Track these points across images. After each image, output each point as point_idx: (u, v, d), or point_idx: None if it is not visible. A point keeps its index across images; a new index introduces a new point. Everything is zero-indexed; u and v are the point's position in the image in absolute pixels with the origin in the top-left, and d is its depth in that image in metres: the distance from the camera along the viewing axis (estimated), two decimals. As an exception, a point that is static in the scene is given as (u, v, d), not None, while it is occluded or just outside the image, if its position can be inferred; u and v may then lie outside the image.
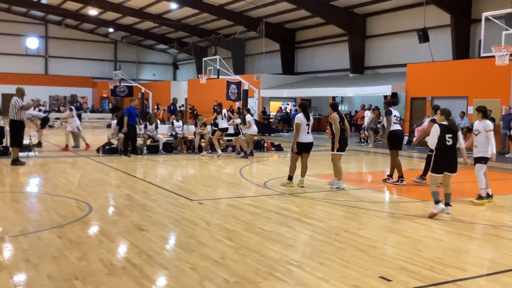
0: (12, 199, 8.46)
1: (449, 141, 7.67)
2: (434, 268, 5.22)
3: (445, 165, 7.78)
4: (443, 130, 7.68)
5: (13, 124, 12.37)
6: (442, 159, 7.73)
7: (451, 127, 7.73)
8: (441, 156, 7.73)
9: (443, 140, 7.67)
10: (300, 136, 10.07)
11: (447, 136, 7.67)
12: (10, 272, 4.87)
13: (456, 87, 20.21)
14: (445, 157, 7.73)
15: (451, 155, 7.78)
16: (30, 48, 45.52)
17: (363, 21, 28.33)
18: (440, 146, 7.69)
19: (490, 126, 8.71)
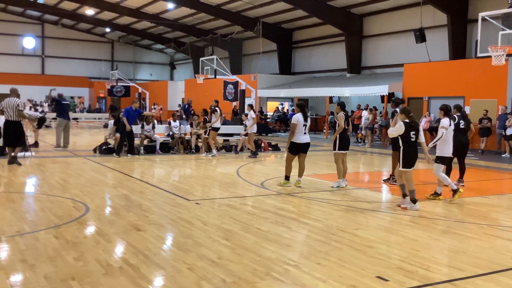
0: (8, 199, 8.43)
1: (413, 138, 8.16)
2: (431, 268, 5.23)
3: (410, 160, 8.22)
4: (407, 128, 8.09)
5: (14, 125, 12.25)
6: (410, 154, 8.19)
7: (413, 125, 8.16)
8: (409, 152, 8.19)
9: (408, 137, 8.11)
10: (297, 137, 10.06)
11: (411, 133, 8.12)
12: (7, 272, 4.86)
13: (452, 87, 20.25)
14: (412, 152, 8.22)
15: (416, 150, 8.29)
16: (27, 48, 45.39)
17: (360, 21, 28.36)
18: (406, 143, 8.14)
19: (443, 123, 8.94)
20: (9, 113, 12.14)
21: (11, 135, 12.32)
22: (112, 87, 38.68)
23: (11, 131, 12.27)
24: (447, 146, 9.06)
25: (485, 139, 18.15)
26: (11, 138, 12.39)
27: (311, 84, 28.50)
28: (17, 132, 12.37)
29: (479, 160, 16.22)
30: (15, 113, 12.12)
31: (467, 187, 11.65)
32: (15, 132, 12.32)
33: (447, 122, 9.03)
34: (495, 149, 18.23)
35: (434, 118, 20.85)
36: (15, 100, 12.14)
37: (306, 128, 10.15)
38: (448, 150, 9.10)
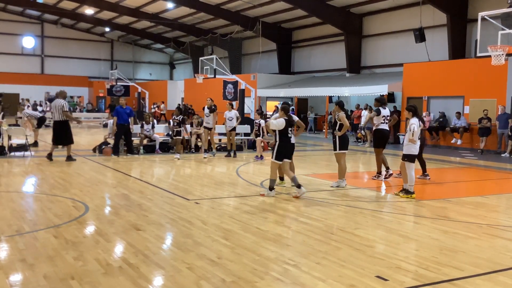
0: (8, 199, 8.43)
1: (290, 133, 8.92)
2: (430, 268, 5.23)
3: (286, 153, 8.98)
4: (287, 124, 8.83)
5: (61, 125, 13.26)
6: (285, 149, 8.95)
7: (292, 122, 8.94)
8: (285, 147, 8.94)
9: (286, 132, 8.86)
10: None
11: (289, 129, 8.88)
12: (6, 272, 4.86)
13: (452, 86, 20.25)
14: (287, 147, 8.99)
15: (291, 145, 9.10)
16: (26, 48, 45.35)
17: (360, 20, 28.36)
18: (284, 138, 8.88)
19: (412, 123, 9.14)
20: (55, 114, 13.22)
21: (59, 134, 13.34)
22: (112, 87, 38.66)
23: (59, 131, 13.32)
24: (414, 145, 9.23)
25: (484, 139, 18.16)
26: (59, 137, 13.41)
27: (311, 84, 28.51)
28: (64, 132, 13.34)
29: (479, 160, 16.23)
30: (60, 114, 13.14)
31: (467, 187, 11.67)
32: (62, 131, 13.31)
33: (416, 121, 9.22)
34: (494, 148, 18.24)
35: (434, 117, 20.87)
36: (61, 101, 13.23)
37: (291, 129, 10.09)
38: (415, 149, 9.29)
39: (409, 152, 9.24)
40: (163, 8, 34.75)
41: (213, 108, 15.21)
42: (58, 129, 13.34)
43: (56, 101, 13.31)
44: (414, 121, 9.24)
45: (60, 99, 13.38)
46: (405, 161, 9.26)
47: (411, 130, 9.14)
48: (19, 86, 42.65)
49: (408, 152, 9.24)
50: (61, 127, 13.30)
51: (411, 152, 9.24)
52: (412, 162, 9.25)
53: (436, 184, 11.83)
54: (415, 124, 9.18)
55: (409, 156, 9.25)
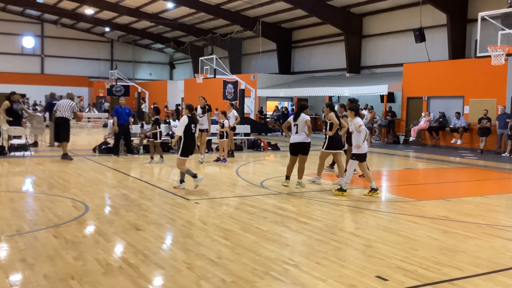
0: (8, 199, 8.43)
1: (193, 129, 9.50)
2: (430, 267, 5.23)
3: (188, 149, 9.40)
4: (190, 121, 9.35)
5: (63, 121, 13.58)
6: (189, 145, 9.39)
7: (194, 119, 9.54)
8: (189, 143, 9.39)
9: (190, 129, 9.36)
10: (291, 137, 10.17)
11: (192, 125, 9.41)
12: (6, 272, 4.86)
13: (452, 86, 20.26)
14: (192, 143, 9.49)
15: (194, 141, 9.74)
16: (26, 47, 45.34)
17: (360, 20, 28.36)
18: (188, 135, 9.35)
19: (360, 122, 9.28)
20: (61, 111, 13.60)
21: (58, 130, 13.79)
22: (112, 87, 38.67)
23: (59, 127, 13.71)
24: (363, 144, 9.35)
25: (484, 139, 18.17)
26: (57, 134, 13.93)
27: (311, 84, 28.51)
28: (64, 128, 13.61)
29: (479, 160, 16.23)
30: (67, 112, 13.60)
31: (467, 187, 11.67)
32: (62, 128, 13.63)
33: (360, 121, 9.36)
34: (494, 148, 18.24)
35: (433, 117, 20.87)
36: (70, 101, 13.86)
37: (297, 128, 10.04)
38: (364, 148, 9.35)
39: (360, 151, 9.32)
40: (163, 8, 34.75)
41: (207, 108, 14.25)
42: (59, 124, 13.74)
43: (65, 101, 13.87)
44: (360, 121, 9.35)
45: (68, 99, 14.05)
46: (353, 159, 9.39)
47: (362, 131, 9.22)
48: (19, 86, 42.45)
49: (359, 152, 9.32)
50: (62, 124, 13.64)
51: (360, 151, 9.33)
52: (361, 160, 9.37)
53: (436, 184, 11.83)
54: (363, 125, 9.31)
55: (357, 155, 9.34)
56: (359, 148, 9.25)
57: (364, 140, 9.26)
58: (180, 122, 9.41)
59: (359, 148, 9.25)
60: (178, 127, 9.46)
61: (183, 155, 9.37)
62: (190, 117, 9.41)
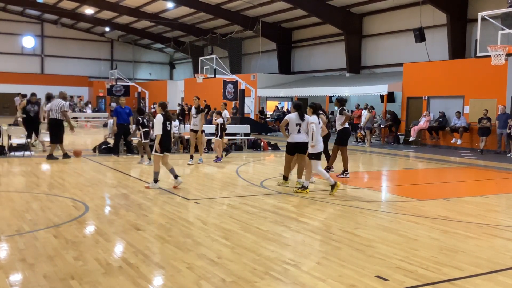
0: (8, 199, 8.43)
1: (169, 127, 9.68)
2: (430, 267, 5.23)
3: (167, 146, 9.63)
4: (165, 119, 9.53)
5: (56, 122, 13.49)
6: (165, 142, 9.53)
7: (169, 116, 9.71)
8: (165, 140, 9.55)
9: (165, 126, 9.55)
10: (291, 136, 10.00)
11: (167, 123, 9.61)
12: (6, 272, 4.86)
13: (452, 86, 20.25)
14: (167, 140, 9.68)
15: (170, 138, 9.94)
16: (26, 47, 45.34)
17: (360, 20, 28.36)
18: (164, 132, 9.49)
19: (311, 120, 9.48)
20: (53, 112, 13.48)
21: (52, 131, 13.68)
22: (112, 87, 38.67)
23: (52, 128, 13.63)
24: (318, 143, 9.49)
25: (484, 139, 18.16)
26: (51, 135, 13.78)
27: (311, 84, 28.51)
28: (56, 130, 13.56)
29: (479, 160, 16.23)
30: (58, 113, 13.45)
31: (467, 187, 11.68)
32: (55, 129, 13.57)
33: (316, 119, 9.51)
34: (494, 148, 18.24)
35: (433, 117, 20.87)
36: (61, 101, 13.60)
37: (300, 127, 9.96)
38: (320, 145, 9.54)
39: (315, 150, 9.46)
40: (163, 8, 34.75)
41: (201, 109, 13.68)
42: (52, 126, 13.62)
43: (56, 101, 13.64)
44: (313, 119, 9.50)
45: (60, 99, 13.73)
46: (312, 159, 9.51)
47: (311, 130, 9.39)
48: (19, 86, 42.59)
49: (314, 151, 9.46)
50: (54, 125, 13.54)
51: (316, 150, 9.47)
52: (318, 159, 9.53)
53: (436, 184, 11.83)
54: (314, 124, 9.43)
55: (315, 155, 9.48)
56: (313, 147, 9.43)
57: (313, 139, 9.40)
58: (156, 121, 9.55)
59: (313, 147, 9.43)
60: (156, 127, 9.55)
61: (160, 152, 9.54)
62: (164, 114, 9.60)
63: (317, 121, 9.50)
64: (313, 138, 9.37)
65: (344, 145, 11.79)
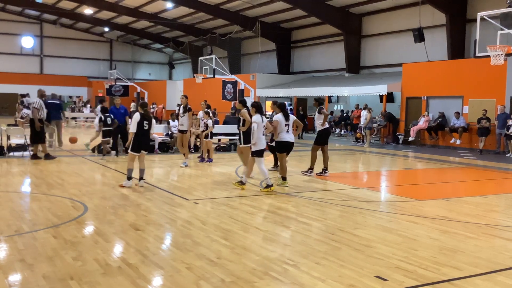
0: (7, 199, 8.42)
1: (146, 126, 9.64)
2: (430, 267, 5.23)
3: (138, 145, 9.58)
4: (142, 118, 9.57)
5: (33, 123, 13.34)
6: (141, 141, 9.61)
7: (146, 116, 9.65)
8: (141, 139, 9.61)
9: (142, 125, 9.56)
10: (281, 135, 10.27)
11: (144, 122, 9.59)
12: (5, 272, 4.85)
13: (451, 86, 20.26)
14: (141, 139, 9.63)
15: (146, 137, 9.88)
16: (25, 47, 45.27)
17: (359, 20, 28.36)
18: (140, 131, 9.54)
19: (254, 119, 9.71)
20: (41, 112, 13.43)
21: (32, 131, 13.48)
22: (111, 87, 38.63)
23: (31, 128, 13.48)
24: (259, 142, 9.66)
25: (483, 139, 18.17)
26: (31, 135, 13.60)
27: (310, 84, 28.51)
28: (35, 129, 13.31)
29: (478, 160, 16.24)
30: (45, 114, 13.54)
31: (466, 187, 11.68)
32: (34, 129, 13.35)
33: (259, 118, 9.69)
34: (493, 148, 18.25)
35: (433, 117, 20.88)
36: (36, 99, 13.55)
37: (288, 127, 10.31)
38: (262, 144, 9.71)
39: (258, 148, 9.63)
40: (162, 8, 34.73)
41: (188, 108, 13.06)
42: (32, 126, 13.43)
43: (34, 99, 13.74)
44: (256, 119, 9.69)
45: (38, 97, 13.68)
46: (254, 156, 9.71)
47: (252, 129, 9.61)
48: (18, 86, 42.56)
49: (257, 148, 9.64)
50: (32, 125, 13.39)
51: (259, 148, 9.63)
52: (261, 157, 9.68)
53: (435, 184, 11.84)
54: (255, 123, 9.61)
55: (257, 152, 9.66)
56: (255, 145, 9.62)
57: (254, 137, 9.57)
58: (133, 119, 9.63)
59: (255, 145, 9.62)
60: (131, 124, 9.65)
61: (132, 151, 9.62)
62: (142, 113, 9.64)
63: (260, 120, 9.69)
64: (254, 136, 9.61)
65: (325, 144, 11.91)
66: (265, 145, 9.84)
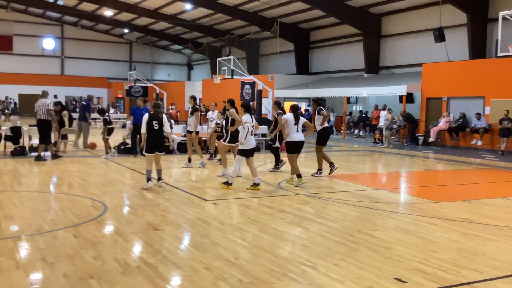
0: (28, 199, 8.56)
1: (156, 126, 9.59)
2: (450, 270, 5.17)
3: (150, 146, 9.61)
4: (150, 118, 9.58)
5: (44, 123, 13.36)
6: (152, 141, 9.61)
7: (155, 116, 9.63)
8: (152, 140, 9.62)
9: (151, 126, 9.55)
10: (290, 135, 10.47)
11: (154, 122, 9.55)
12: (27, 270, 4.93)
13: (472, 87, 19.98)
14: (152, 139, 9.62)
15: (158, 137, 9.69)
16: (47, 49, 46.00)
17: (378, 20, 28.16)
18: (149, 131, 9.58)
19: (245, 119, 9.81)
20: (39, 112, 13.29)
21: (40, 132, 13.43)
22: (130, 88, 39.01)
23: (40, 129, 13.40)
24: (247, 141, 9.78)
25: (505, 140, 17.88)
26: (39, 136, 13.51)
27: (329, 84, 28.39)
28: (43, 130, 13.38)
29: (499, 161, 15.99)
30: (45, 113, 13.27)
31: (487, 189, 11.51)
32: (43, 130, 13.38)
33: (249, 118, 9.85)
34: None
35: (453, 118, 20.62)
36: (46, 100, 13.43)
37: (297, 127, 10.52)
38: (248, 144, 9.79)
39: (244, 147, 9.79)
40: (181, 9, 34.94)
41: (196, 108, 12.86)
42: (40, 126, 13.43)
43: (41, 100, 13.42)
44: (247, 118, 9.84)
45: (44, 98, 13.58)
46: (239, 155, 9.87)
47: (245, 129, 9.76)
48: (40, 87, 43.19)
49: (243, 147, 9.80)
50: (43, 126, 13.39)
51: (246, 147, 9.79)
52: (244, 156, 9.83)
53: (455, 185, 11.69)
54: (248, 123, 9.76)
55: (242, 151, 9.82)
56: (242, 144, 9.73)
57: (246, 137, 9.70)
58: (142, 120, 9.72)
59: (242, 144, 9.73)
60: (142, 125, 9.72)
61: (146, 152, 9.69)
62: (151, 114, 9.73)
63: (250, 120, 9.81)
64: (245, 136, 9.74)
65: (323, 145, 11.92)
66: (253, 145, 9.98)
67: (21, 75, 43.69)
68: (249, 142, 9.80)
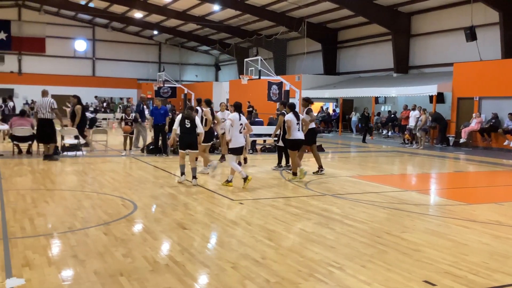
0: (60, 197, 8.75)
1: (188, 124, 10.12)
2: (481, 273, 5.07)
3: (182, 143, 10.20)
4: (183, 118, 10.16)
5: (46, 122, 13.24)
6: (182, 138, 10.20)
7: (187, 116, 10.14)
8: (182, 137, 10.21)
9: (184, 124, 10.13)
10: (292, 134, 10.99)
11: (186, 121, 10.11)
12: (59, 267, 5.05)
13: (505, 86, 19.52)
14: (184, 136, 10.18)
15: (189, 135, 10.17)
16: (78, 51, 46.92)
17: (408, 19, 27.77)
18: (181, 129, 10.15)
19: (230, 117, 10.18)
20: (42, 111, 13.18)
21: (43, 132, 13.39)
22: (159, 88, 39.45)
23: (43, 129, 13.33)
24: (235, 139, 10.02)
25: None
26: (43, 135, 13.46)
27: (357, 84, 28.14)
28: (49, 130, 13.33)
29: (533, 163, 15.58)
30: (48, 112, 13.18)
31: None
32: (46, 129, 13.30)
33: (236, 116, 10.06)
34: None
35: (485, 119, 20.19)
36: (49, 99, 13.26)
37: (299, 126, 11.14)
38: (237, 142, 10.04)
39: (234, 146, 10.04)
40: (209, 10, 35.16)
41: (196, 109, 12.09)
42: (42, 126, 13.30)
43: (43, 99, 13.23)
44: (233, 116, 10.12)
45: (46, 97, 13.38)
46: (229, 153, 10.20)
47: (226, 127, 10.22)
48: (71, 88, 44.11)
49: (233, 146, 10.05)
50: (45, 125, 13.25)
51: (235, 146, 10.04)
52: (235, 154, 10.16)
53: (487, 187, 11.45)
54: (233, 120, 10.02)
55: (233, 150, 10.07)
56: (229, 141, 10.04)
57: (229, 134, 10.00)
58: (176, 119, 10.38)
59: (229, 141, 10.04)
60: (175, 123, 10.33)
61: (180, 148, 10.36)
62: (184, 114, 10.27)
63: (236, 118, 10.04)
64: (230, 133, 10.05)
65: (314, 143, 12.29)
66: (242, 143, 10.22)
67: (53, 76, 44.66)
68: (237, 140, 10.07)
